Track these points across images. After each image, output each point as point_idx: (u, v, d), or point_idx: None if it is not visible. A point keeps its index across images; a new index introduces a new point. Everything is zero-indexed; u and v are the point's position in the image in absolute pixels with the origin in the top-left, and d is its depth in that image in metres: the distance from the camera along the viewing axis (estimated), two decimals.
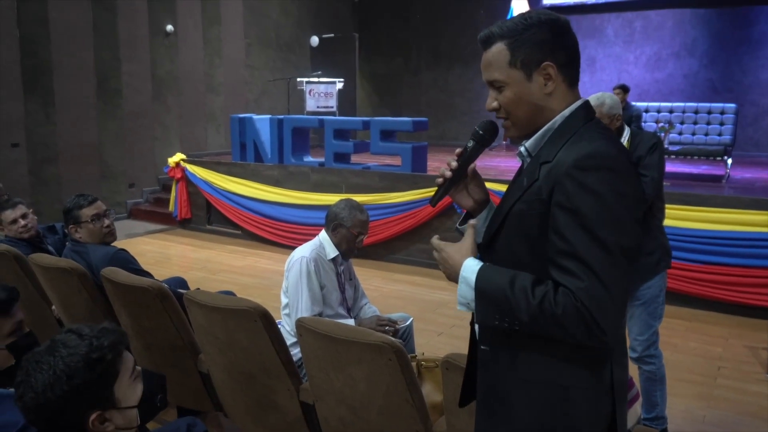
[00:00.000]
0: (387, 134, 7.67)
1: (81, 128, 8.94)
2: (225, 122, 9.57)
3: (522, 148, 1.45)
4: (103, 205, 3.28)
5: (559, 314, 1.23)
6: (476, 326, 1.51)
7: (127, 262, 3.12)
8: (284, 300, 3.07)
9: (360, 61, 13.40)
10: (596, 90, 10.69)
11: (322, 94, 9.94)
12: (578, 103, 1.41)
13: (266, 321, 2.34)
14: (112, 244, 3.29)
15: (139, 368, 1.49)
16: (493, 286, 1.31)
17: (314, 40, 12.20)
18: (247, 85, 11.35)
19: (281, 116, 8.33)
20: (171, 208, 8.87)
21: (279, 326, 2.52)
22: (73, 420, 1.33)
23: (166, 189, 9.39)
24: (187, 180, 8.64)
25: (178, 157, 8.71)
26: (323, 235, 3.10)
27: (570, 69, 1.39)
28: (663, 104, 9.35)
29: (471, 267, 1.34)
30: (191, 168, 8.56)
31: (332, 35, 12.47)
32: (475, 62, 11.41)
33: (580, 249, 1.23)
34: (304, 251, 3.03)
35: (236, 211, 8.13)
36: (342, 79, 10.18)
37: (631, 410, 2.36)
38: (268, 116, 8.35)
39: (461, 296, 1.35)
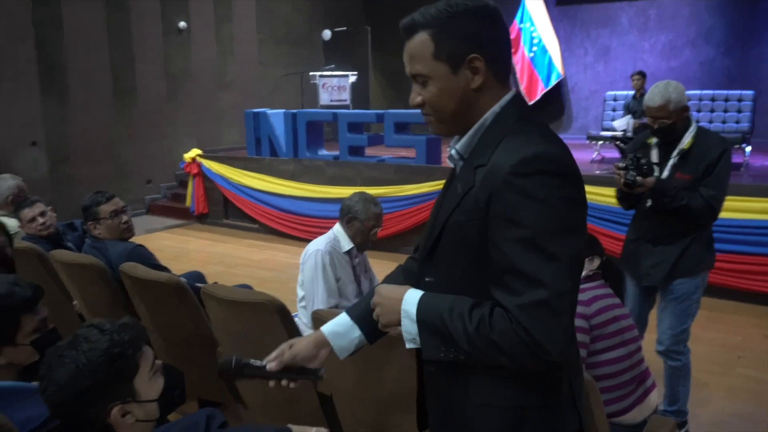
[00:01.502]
0: (401, 126, 7.67)
1: (96, 126, 9.03)
2: (238, 118, 9.61)
3: (453, 151, 1.33)
4: (121, 201, 3.32)
5: (496, 339, 1.12)
6: None
7: (145, 257, 3.15)
8: (300, 293, 3.10)
9: (373, 54, 13.37)
10: (611, 79, 10.54)
11: (335, 88, 9.95)
12: (508, 96, 1.28)
13: (283, 314, 2.36)
14: (130, 240, 3.33)
15: (159, 362, 1.52)
16: (433, 315, 1.19)
17: (326, 34, 12.20)
18: (259, 80, 11.38)
19: (295, 110, 8.35)
20: (188, 203, 8.95)
21: (296, 319, 2.54)
22: (94, 413, 1.36)
23: (183, 184, 9.47)
24: (203, 175, 8.71)
25: (194, 152, 8.78)
26: (337, 228, 3.12)
27: (500, 61, 1.27)
28: None
29: (411, 299, 1.23)
30: (207, 163, 8.62)
31: (344, 29, 12.46)
32: None
33: (521, 263, 1.11)
34: (318, 244, 3.05)
35: (253, 206, 8.18)
36: (355, 73, 10.18)
37: (646, 401, 2.35)
38: (283, 111, 8.38)
39: (406, 332, 1.23)
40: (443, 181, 5.40)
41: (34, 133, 8.42)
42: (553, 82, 11.29)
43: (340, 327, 1.45)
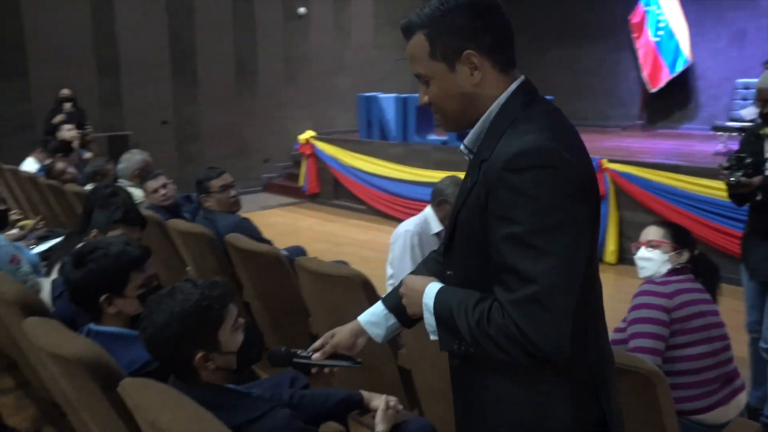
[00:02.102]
0: None
1: (221, 108, 9.65)
2: (353, 101, 9.91)
3: (462, 146, 1.33)
4: (230, 177, 3.57)
5: (492, 334, 1.12)
6: None
7: (249, 230, 3.38)
8: (389, 271, 3.22)
9: None
10: (744, 66, 9.74)
11: None
12: (514, 85, 1.26)
13: (367, 288, 2.47)
14: (237, 213, 3.58)
15: (242, 320, 1.68)
16: (445, 309, 1.21)
17: None
18: (374, 65, 11.60)
19: (406, 95, 8.47)
20: (301, 182, 9.35)
21: None
22: (183, 355, 1.54)
23: (298, 165, 9.89)
24: (315, 156, 9.06)
25: (308, 134, 9.14)
26: (428, 211, 3.20)
27: (500, 51, 1.25)
28: None
29: (431, 293, 1.25)
30: (320, 145, 8.95)
31: None
32: (605, 39, 10.87)
33: (513, 260, 1.10)
34: (408, 225, 3.15)
35: (361, 187, 8.42)
36: None
37: (733, 401, 2.26)
38: (394, 95, 8.53)
39: (427, 324, 1.26)
40: None
41: (165, 113, 9.13)
42: (680, 68, 10.64)
43: (375, 317, 1.53)
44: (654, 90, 10.77)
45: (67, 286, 1.99)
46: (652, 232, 2.44)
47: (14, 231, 4.00)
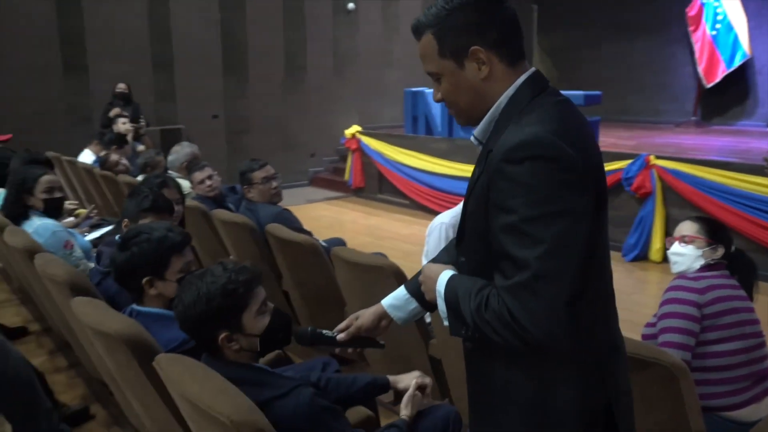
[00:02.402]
0: None
1: (269, 102, 9.84)
2: (400, 96, 9.96)
3: (472, 137, 1.36)
4: (272, 169, 3.68)
5: (488, 319, 1.16)
6: None
7: (288, 220, 3.48)
8: (425, 262, 3.25)
9: (538, 33, 13.06)
10: None
11: None
12: (522, 78, 1.29)
13: (399, 278, 2.53)
14: (278, 204, 3.68)
15: (270, 305, 1.75)
16: (453, 295, 1.26)
17: None
18: None
19: None
20: (346, 176, 9.45)
21: None
22: (208, 334, 1.62)
23: (344, 159, 10.00)
24: (361, 151, 9.14)
25: (354, 129, 9.23)
26: None
27: (506, 45, 1.27)
28: None
29: (443, 280, 1.30)
30: (365, 139, 9.04)
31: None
32: (660, 32, 10.59)
33: (510, 248, 1.14)
34: (444, 217, 3.18)
35: (405, 182, 8.47)
36: None
37: (767, 399, 2.23)
38: None
39: (440, 310, 1.30)
40: None
41: (216, 107, 9.37)
42: (738, 62, 10.31)
43: (398, 301, 1.59)
44: (710, 85, 10.47)
45: (112, 267, 2.11)
46: (687, 227, 2.41)
47: (70, 219, 4.20)
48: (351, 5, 10.56)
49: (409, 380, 2.02)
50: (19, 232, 2.92)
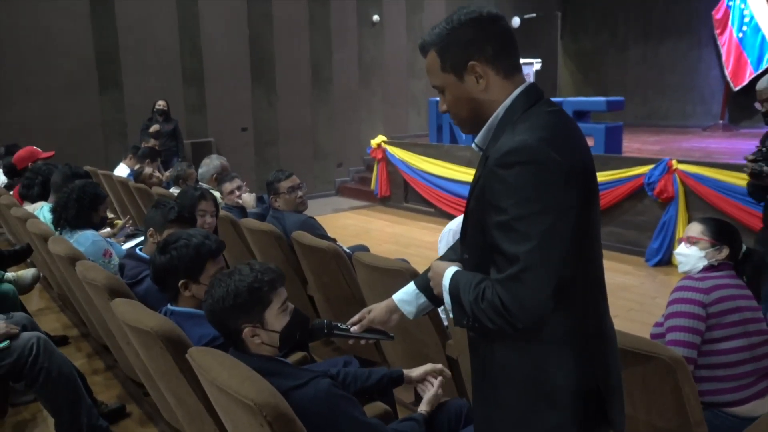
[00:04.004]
0: (580, 114, 7.56)
1: (297, 113, 10.07)
2: (425, 105, 10.11)
3: (473, 144, 1.49)
4: (298, 179, 3.84)
5: (484, 308, 1.29)
6: None
7: (313, 227, 3.63)
8: None
9: (563, 39, 13.11)
10: None
11: None
12: (518, 90, 1.41)
13: None
14: (304, 213, 3.83)
15: (291, 306, 1.89)
16: (455, 288, 1.39)
17: (516, 21, 12.19)
18: None
19: None
20: (372, 186, 9.61)
21: None
22: (233, 327, 1.77)
23: (370, 168, 10.16)
24: (387, 160, 9.29)
25: (380, 138, 9.39)
26: None
27: (502, 59, 1.40)
28: None
29: (448, 275, 1.43)
30: (391, 149, 9.19)
31: (534, 15, 12.36)
32: (686, 35, 10.52)
33: (501, 243, 1.27)
34: (452, 224, 3.28)
35: (430, 190, 8.59)
36: (539, 60, 10.11)
37: None
38: None
39: (446, 303, 1.43)
40: (619, 171, 5.52)
41: (244, 119, 9.62)
42: (766, 64, 10.23)
43: (408, 296, 1.74)
44: (737, 88, 10.41)
45: (151, 269, 2.28)
46: (693, 229, 2.50)
47: (107, 229, 4.42)
48: (376, 17, 10.76)
49: (422, 370, 2.15)
50: (62, 241, 3.11)
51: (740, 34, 10.48)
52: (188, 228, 2.75)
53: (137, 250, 2.94)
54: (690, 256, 2.44)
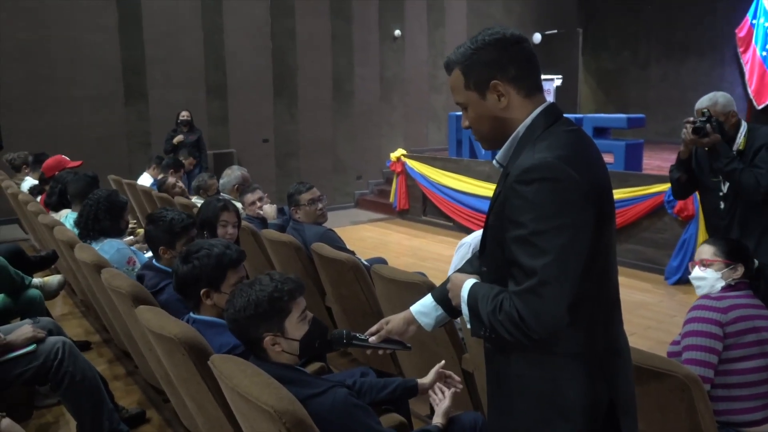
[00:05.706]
0: (600, 131, 7.56)
1: (318, 126, 10.18)
2: (445, 120, 10.17)
3: (494, 161, 1.53)
4: (318, 191, 3.89)
5: (501, 319, 1.33)
6: None
7: (333, 239, 3.68)
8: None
9: (584, 56, 13.11)
10: None
11: None
12: (539, 109, 1.46)
13: None
14: (323, 225, 3.88)
15: (310, 315, 1.93)
16: (474, 300, 1.43)
17: (536, 38, 12.23)
18: None
19: None
20: (391, 199, 9.66)
21: None
22: (255, 335, 1.82)
23: (389, 181, 10.22)
24: (406, 173, 9.34)
25: (399, 152, 9.45)
26: None
27: (523, 79, 1.44)
28: None
29: (467, 287, 1.47)
30: (410, 162, 9.24)
31: (555, 31, 12.39)
32: (709, 53, 10.48)
33: (519, 257, 1.31)
34: (469, 238, 3.37)
35: (449, 204, 8.61)
36: (560, 76, 10.13)
37: None
38: None
39: (464, 314, 1.47)
40: (639, 188, 5.59)
41: (266, 132, 9.74)
42: None
43: (425, 308, 1.78)
44: (761, 106, 10.34)
45: (174, 278, 2.34)
46: (704, 251, 2.51)
47: (130, 237, 4.50)
48: (397, 32, 10.87)
49: (432, 376, 2.20)
50: (88, 249, 3.19)
51: (764, 53, 10.43)
52: (194, 230, 2.81)
53: (154, 261, 3.00)
54: (707, 278, 2.44)
